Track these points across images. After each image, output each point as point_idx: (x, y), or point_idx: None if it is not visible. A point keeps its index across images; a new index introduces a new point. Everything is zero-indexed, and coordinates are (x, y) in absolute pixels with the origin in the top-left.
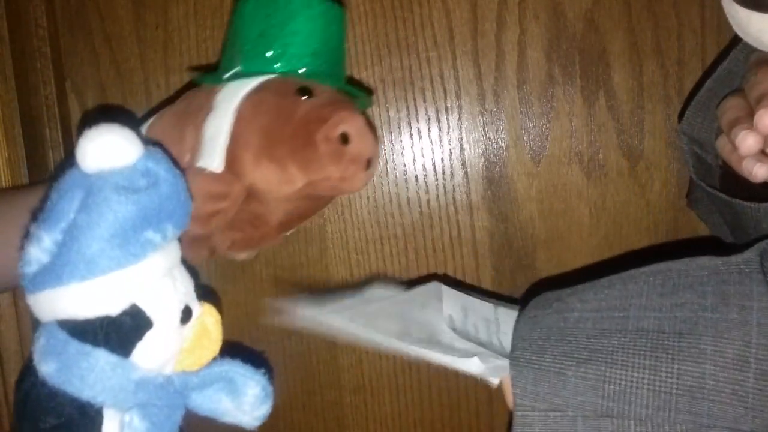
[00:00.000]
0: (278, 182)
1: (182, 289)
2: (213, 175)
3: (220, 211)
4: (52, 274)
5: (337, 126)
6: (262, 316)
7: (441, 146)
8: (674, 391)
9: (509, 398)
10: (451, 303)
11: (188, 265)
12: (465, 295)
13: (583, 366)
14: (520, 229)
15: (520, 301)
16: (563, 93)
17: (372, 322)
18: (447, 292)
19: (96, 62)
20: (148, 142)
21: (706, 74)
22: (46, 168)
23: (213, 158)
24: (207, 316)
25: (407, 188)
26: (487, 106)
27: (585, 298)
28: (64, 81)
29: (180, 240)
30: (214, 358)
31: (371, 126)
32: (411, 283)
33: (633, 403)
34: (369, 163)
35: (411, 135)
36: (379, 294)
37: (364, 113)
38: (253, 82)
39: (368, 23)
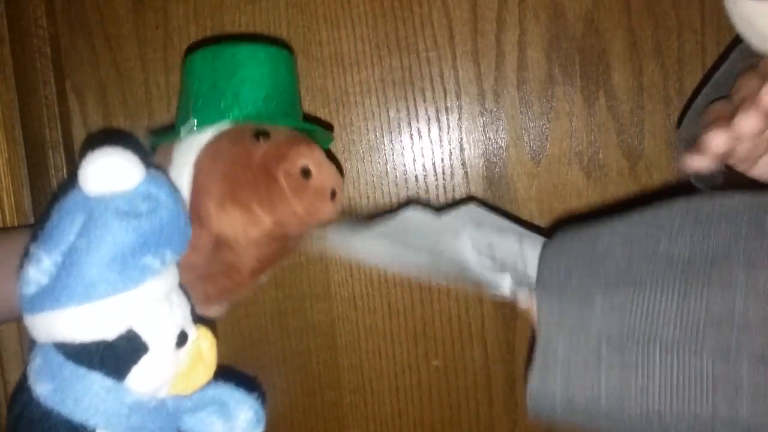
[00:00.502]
0: (245, 226)
1: (179, 313)
2: None
3: (190, 264)
4: (51, 296)
5: (296, 161)
6: (261, 315)
7: (441, 146)
8: (702, 318)
9: (534, 321)
10: (478, 236)
11: (184, 288)
12: (492, 228)
13: (611, 290)
14: None
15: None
16: (563, 93)
17: (403, 254)
18: (476, 220)
19: (96, 62)
20: (150, 164)
21: (707, 76)
22: (46, 168)
23: None
24: (202, 341)
25: (407, 188)
26: (487, 106)
27: (615, 227)
28: (64, 81)
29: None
30: (208, 382)
31: (330, 158)
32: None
33: (659, 329)
34: (333, 194)
35: (411, 135)
36: (414, 220)
37: (324, 149)
38: (208, 133)
39: (368, 23)
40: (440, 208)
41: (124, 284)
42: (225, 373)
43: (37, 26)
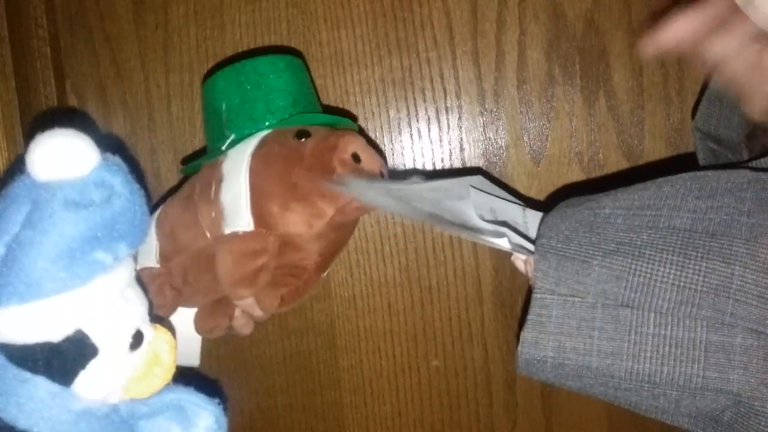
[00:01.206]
0: (310, 219)
1: (134, 312)
2: (245, 235)
3: (262, 266)
4: None
5: (347, 149)
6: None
7: (441, 146)
8: (699, 288)
9: (532, 280)
10: (481, 202)
11: (142, 283)
12: (494, 197)
13: (609, 257)
14: None
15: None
16: (563, 93)
17: (409, 201)
18: (479, 191)
19: (96, 62)
20: (106, 149)
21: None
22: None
23: (240, 219)
24: (160, 342)
25: None
26: (487, 106)
27: (617, 198)
28: (64, 81)
29: (198, 309)
30: (166, 385)
31: (373, 143)
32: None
33: (656, 296)
34: (382, 175)
35: (411, 135)
36: (420, 184)
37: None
38: (252, 143)
39: (368, 23)
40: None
41: (72, 281)
42: (186, 375)
43: (37, 26)
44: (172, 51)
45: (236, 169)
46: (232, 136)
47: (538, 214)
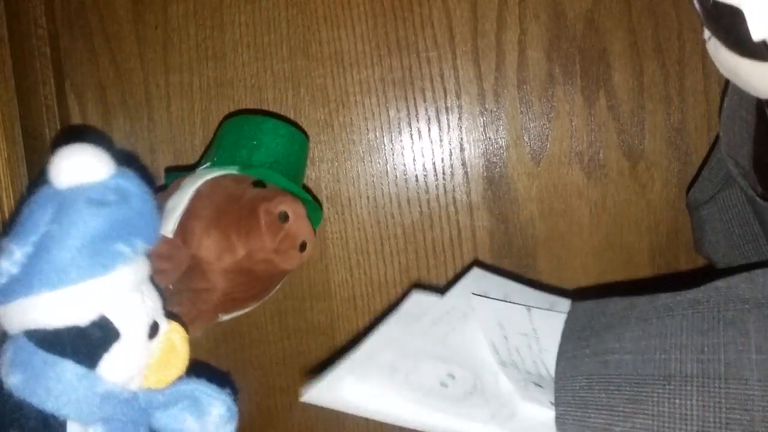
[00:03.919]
0: (221, 252)
1: (150, 304)
2: (164, 239)
3: (164, 270)
4: (23, 283)
5: (278, 204)
6: (261, 315)
7: (441, 146)
8: None
9: None
10: (488, 320)
11: (155, 284)
12: (498, 303)
13: (630, 420)
14: (520, 229)
15: (547, 288)
16: (563, 93)
17: (414, 376)
18: (481, 290)
19: (95, 62)
20: (121, 163)
21: (707, 75)
22: (45, 168)
23: (168, 226)
24: (174, 333)
25: (407, 188)
26: (487, 105)
27: (622, 336)
28: (63, 81)
29: None
30: (180, 377)
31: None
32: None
33: None
34: (303, 246)
35: (411, 135)
36: (419, 306)
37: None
38: (216, 172)
39: (368, 23)
40: (446, 285)
41: (96, 269)
42: (197, 368)
43: (37, 26)
44: (172, 51)
45: (189, 184)
46: (209, 163)
47: (545, 314)
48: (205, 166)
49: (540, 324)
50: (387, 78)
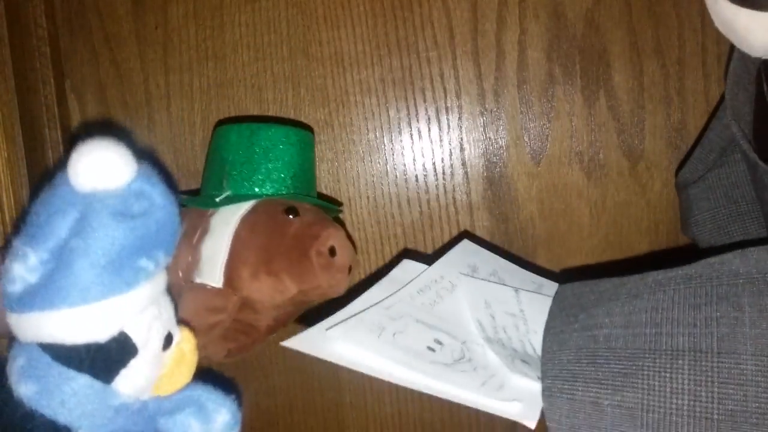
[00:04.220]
0: (273, 293)
1: (166, 315)
2: (214, 290)
3: (219, 322)
4: (42, 297)
5: (327, 242)
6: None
7: (441, 146)
8: (715, 416)
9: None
10: (475, 297)
11: (168, 289)
12: (486, 283)
13: (619, 393)
14: (520, 229)
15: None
16: (563, 93)
17: (402, 337)
18: (470, 264)
19: (95, 62)
20: (141, 158)
21: (707, 76)
22: (45, 168)
23: (213, 275)
24: (185, 343)
25: (407, 188)
26: (487, 105)
27: (612, 311)
28: (63, 81)
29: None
30: (187, 383)
31: (350, 237)
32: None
33: (672, 428)
34: (350, 270)
35: (411, 135)
36: (408, 272)
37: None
38: (244, 206)
39: (368, 23)
40: (436, 253)
41: (119, 287)
42: (203, 374)
43: (37, 26)
44: (172, 51)
45: (223, 227)
46: (229, 192)
47: (533, 297)
48: (224, 195)
49: (528, 306)
50: (387, 78)
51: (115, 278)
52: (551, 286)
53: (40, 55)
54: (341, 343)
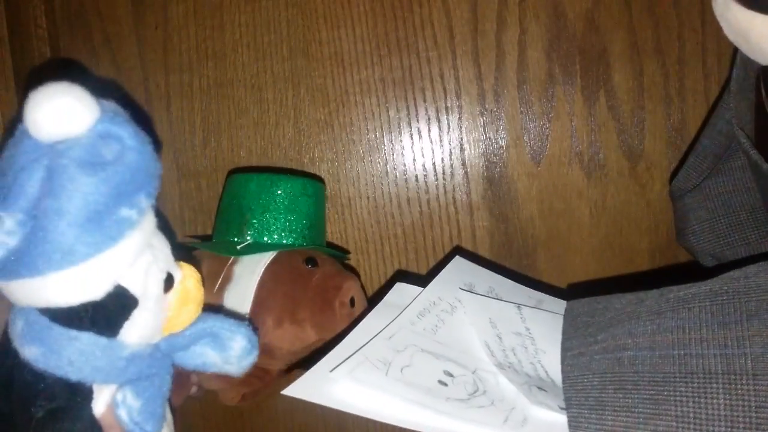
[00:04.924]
0: (294, 340)
1: (162, 257)
2: None
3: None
4: (26, 263)
5: (348, 293)
6: None
7: (441, 146)
8: None
9: None
10: (478, 317)
11: (163, 225)
12: (487, 300)
13: (652, 422)
14: (520, 229)
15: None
16: (564, 93)
17: (410, 372)
18: (466, 283)
19: (95, 62)
20: (104, 95)
21: (707, 76)
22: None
23: None
24: (188, 279)
25: (407, 188)
26: (487, 105)
27: (635, 331)
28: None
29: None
30: (198, 317)
31: (363, 289)
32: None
33: None
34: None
35: (411, 135)
36: (403, 298)
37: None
38: (267, 256)
39: (368, 23)
40: (429, 273)
41: (105, 243)
42: (213, 308)
43: (37, 26)
44: (172, 51)
45: (249, 276)
46: (249, 241)
47: (536, 313)
48: (245, 244)
49: (532, 323)
50: (387, 78)
51: (98, 234)
52: (551, 302)
53: (40, 56)
54: (347, 383)
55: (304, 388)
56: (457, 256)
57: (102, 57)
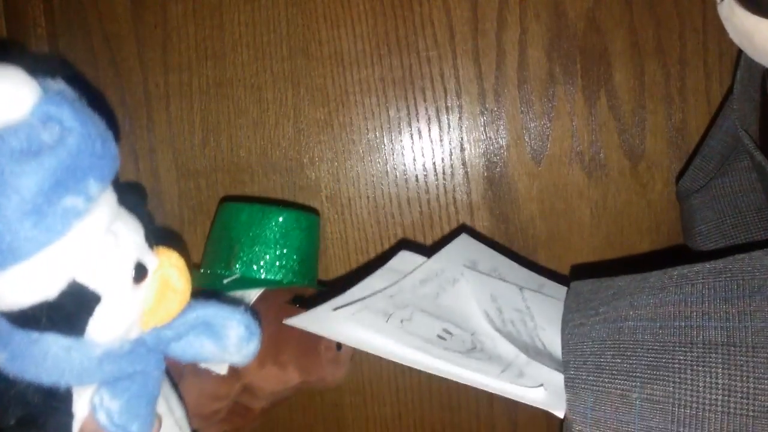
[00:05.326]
0: (277, 381)
1: (129, 244)
2: (219, 378)
3: (220, 409)
4: None
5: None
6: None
7: (441, 146)
8: (750, 413)
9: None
10: (480, 290)
11: (136, 206)
12: (489, 278)
13: (649, 386)
14: (520, 229)
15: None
16: (564, 92)
17: (410, 325)
18: (470, 260)
19: (95, 62)
20: (50, 74)
21: (708, 75)
22: None
23: (222, 363)
24: (167, 268)
25: (407, 188)
26: (487, 105)
27: (637, 303)
28: None
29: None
30: (188, 306)
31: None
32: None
33: (707, 427)
34: (351, 359)
35: (411, 135)
36: (407, 263)
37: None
38: (252, 294)
39: (368, 22)
40: (433, 246)
41: (48, 237)
42: (204, 294)
43: (36, 26)
44: (171, 50)
45: None
46: (238, 275)
47: (538, 297)
48: (233, 278)
49: (533, 304)
50: (387, 78)
51: (40, 229)
52: (552, 287)
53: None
54: (349, 323)
55: (307, 320)
56: (462, 234)
57: (101, 56)
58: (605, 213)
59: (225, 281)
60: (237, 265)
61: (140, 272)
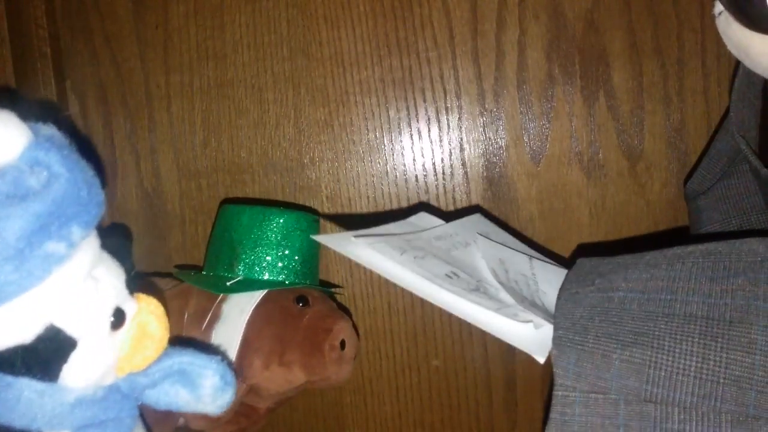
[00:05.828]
0: (282, 382)
1: (109, 290)
2: None
3: (227, 410)
4: None
5: (339, 336)
6: None
7: (441, 146)
8: (721, 380)
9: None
10: (490, 253)
11: (120, 249)
12: (501, 246)
13: (629, 349)
14: (520, 229)
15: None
16: (563, 93)
17: (422, 261)
18: (483, 232)
19: (96, 62)
20: (36, 120)
21: (706, 76)
22: None
23: None
24: (145, 315)
25: (407, 188)
26: (487, 106)
27: (629, 277)
28: (64, 81)
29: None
30: (164, 353)
31: (355, 328)
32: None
33: (678, 390)
34: (354, 358)
35: (411, 135)
36: (424, 221)
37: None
38: (257, 296)
39: (368, 23)
40: (447, 215)
41: (28, 281)
42: (181, 341)
43: (37, 26)
44: (172, 51)
45: (237, 315)
46: (241, 277)
47: (546, 266)
48: (236, 280)
49: (539, 272)
50: (387, 78)
51: (21, 273)
52: (560, 269)
53: (41, 56)
54: (367, 249)
55: (330, 240)
56: (477, 213)
57: (102, 57)
58: (604, 213)
59: (228, 283)
60: (239, 267)
61: (119, 318)
